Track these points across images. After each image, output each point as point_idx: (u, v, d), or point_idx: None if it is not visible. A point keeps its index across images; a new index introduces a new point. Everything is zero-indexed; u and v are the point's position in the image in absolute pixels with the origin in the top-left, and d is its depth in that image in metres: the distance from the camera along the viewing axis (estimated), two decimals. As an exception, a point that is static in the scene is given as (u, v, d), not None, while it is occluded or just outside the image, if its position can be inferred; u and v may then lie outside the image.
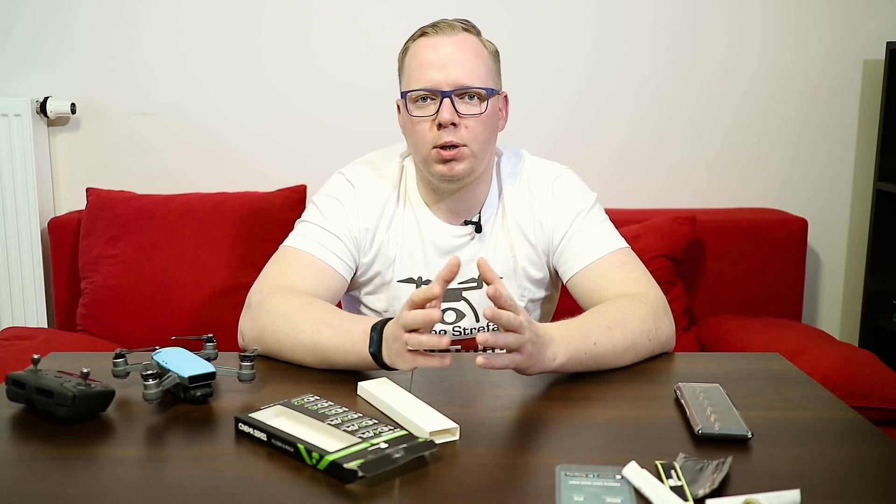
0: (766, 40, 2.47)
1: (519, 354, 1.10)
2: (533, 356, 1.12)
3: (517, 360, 1.10)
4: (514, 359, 1.10)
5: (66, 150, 2.47)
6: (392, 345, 1.13)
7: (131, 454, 0.96)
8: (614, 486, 0.87)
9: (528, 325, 1.10)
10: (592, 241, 1.44)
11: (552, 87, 2.47)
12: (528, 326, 1.10)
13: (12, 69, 2.42)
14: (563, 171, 1.52)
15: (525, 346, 1.10)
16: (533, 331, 1.11)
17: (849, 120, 2.53)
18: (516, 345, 1.09)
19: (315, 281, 1.38)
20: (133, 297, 2.20)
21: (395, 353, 1.12)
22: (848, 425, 1.07)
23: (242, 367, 1.12)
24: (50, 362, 1.27)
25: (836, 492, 0.89)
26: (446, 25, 1.40)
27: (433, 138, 1.38)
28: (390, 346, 1.13)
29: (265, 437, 0.98)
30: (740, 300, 2.37)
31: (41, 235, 2.41)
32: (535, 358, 1.12)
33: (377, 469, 0.89)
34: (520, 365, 1.11)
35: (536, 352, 1.12)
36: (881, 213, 2.45)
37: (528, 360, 1.11)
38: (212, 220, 2.26)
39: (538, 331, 1.13)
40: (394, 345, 1.12)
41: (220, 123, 2.46)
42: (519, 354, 1.10)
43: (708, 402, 1.07)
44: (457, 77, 1.36)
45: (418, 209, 1.49)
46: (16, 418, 1.06)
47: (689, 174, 2.53)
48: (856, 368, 1.89)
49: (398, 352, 1.11)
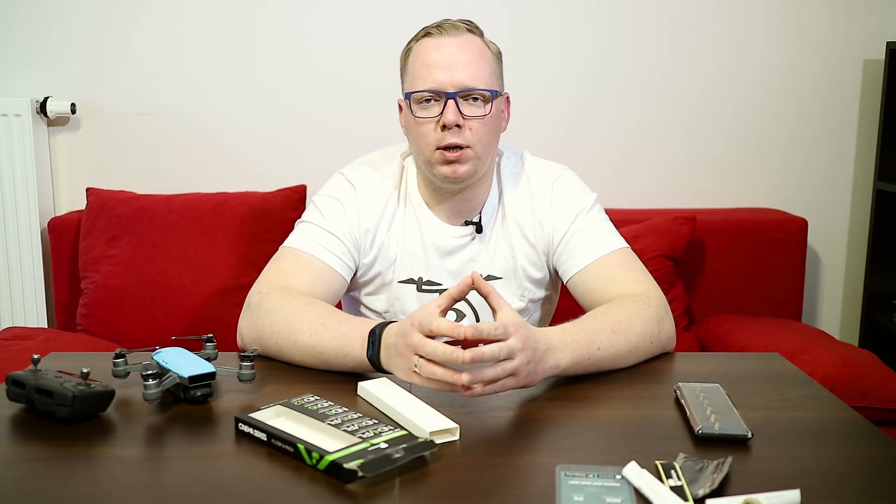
0: (766, 40, 2.47)
1: (514, 378, 1.07)
2: (532, 373, 1.10)
3: (511, 383, 1.07)
4: (506, 384, 1.07)
5: (66, 150, 2.47)
6: (394, 358, 1.11)
7: (131, 454, 0.96)
8: (614, 486, 0.87)
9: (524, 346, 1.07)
10: (592, 240, 1.44)
11: (553, 87, 2.47)
12: (521, 349, 1.06)
13: (12, 69, 2.42)
14: (563, 172, 1.52)
15: (519, 370, 1.07)
16: (530, 345, 1.08)
17: (849, 120, 2.53)
18: (506, 374, 1.06)
19: (315, 281, 1.37)
20: (133, 297, 2.20)
21: (397, 366, 1.11)
22: (848, 425, 1.07)
23: (242, 367, 1.12)
24: (50, 362, 1.27)
25: (836, 492, 0.89)
26: (450, 26, 1.39)
27: (437, 139, 1.37)
28: (391, 356, 1.12)
29: (265, 437, 0.98)
30: (740, 300, 2.37)
31: (41, 235, 2.41)
32: (533, 374, 1.10)
33: (377, 469, 0.89)
34: (517, 387, 1.09)
35: (534, 367, 1.10)
36: (881, 213, 2.45)
37: (525, 381, 1.09)
38: (212, 220, 2.26)
39: (538, 342, 1.10)
40: (396, 359, 1.11)
41: (220, 123, 2.46)
42: (514, 378, 1.07)
43: (708, 402, 1.07)
44: (461, 79, 1.36)
45: (419, 209, 1.48)
46: (16, 418, 1.06)
47: (689, 174, 2.53)
48: (856, 368, 1.89)
49: (400, 366, 1.10)
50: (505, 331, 1.06)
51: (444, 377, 1.04)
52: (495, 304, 1.11)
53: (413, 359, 1.06)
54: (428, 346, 1.05)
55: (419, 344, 1.06)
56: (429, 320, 1.06)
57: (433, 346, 1.04)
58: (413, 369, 1.07)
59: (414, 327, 1.07)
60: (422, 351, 1.05)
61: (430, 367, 1.05)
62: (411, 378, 1.08)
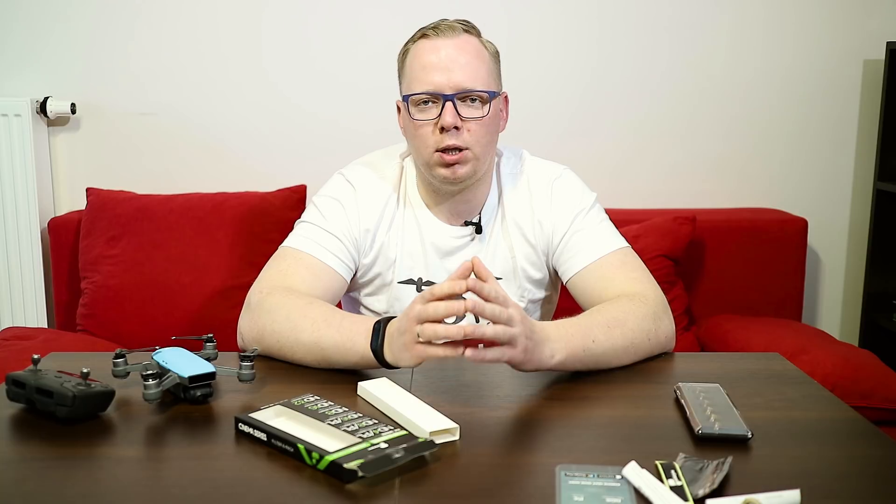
0: (766, 40, 2.47)
1: (511, 348, 1.08)
2: (528, 351, 1.11)
3: (508, 353, 1.08)
4: (505, 352, 1.08)
5: (66, 150, 2.47)
6: (398, 339, 1.12)
7: (131, 454, 0.96)
8: (614, 486, 0.87)
9: (522, 319, 1.09)
10: (592, 241, 1.44)
11: (552, 87, 2.47)
12: (520, 321, 1.09)
13: (12, 69, 2.42)
14: (562, 172, 1.52)
15: (517, 339, 1.08)
16: (527, 326, 1.11)
17: (849, 120, 2.53)
18: (506, 338, 1.07)
19: (314, 281, 1.37)
20: (133, 297, 2.20)
21: (401, 347, 1.11)
22: (848, 425, 1.07)
23: (242, 367, 1.12)
24: (50, 362, 1.27)
25: (836, 492, 0.89)
26: (447, 27, 1.39)
27: (435, 141, 1.37)
28: (395, 340, 1.13)
29: (265, 437, 0.98)
30: (740, 300, 2.37)
31: (41, 235, 2.41)
32: (530, 353, 1.11)
33: (377, 469, 0.89)
34: (513, 359, 1.10)
35: (532, 347, 1.11)
36: (881, 213, 2.45)
37: (521, 354, 1.10)
38: (212, 220, 2.26)
39: (534, 327, 1.13)
40: (399, 339, 1.11)
41: (220, 123, 2.47)
42: (511, 348, 1.08)
43: (708, 402, 1.07)
44: (459, 80, 1.36)
45: (418, 210, 1.48)
46: (16, 418, 1.06)
47: (689, 174, 2.53)
48: (856, 368, 1.89)
49: (405, 345, 1.10)
50: (505, 301, 1.08)
51: (446, 333, 1.05)
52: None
53: (415, 329, 1.07)
54: (430, 307, 1.07)
55: (421, 310, 1.07)
56: (430, 290, 1.09)
57: (435, 304, 1.06)
58: (416, 341, 1.08)
59: (416, 302, 1.09)
60: (423, 314, 1.07)
61: (431, 328, 1.06)
62: (413, 353, 1.09)
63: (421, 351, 1.08)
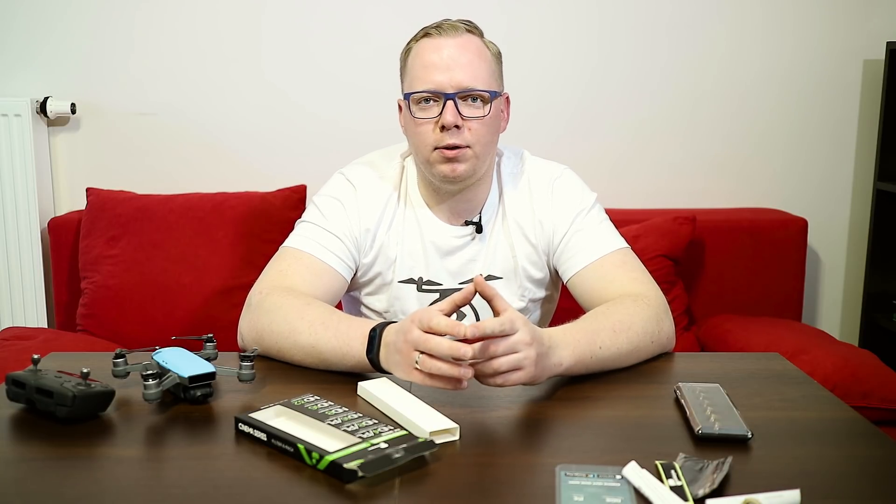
0: (766, 40, 2.47)
1: (519, 372, 1.08)
2: (536, 369, 1.10)
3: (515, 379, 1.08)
4: (510, 378, 1.08)
5: (66, 150, 2.47)
6: (394, 355, 1.11)
7: (131, 454, 0.96)
8: (614, 486, 0.87)
9: (530, 341, 1.08)
10: (592, 240, 1.44)
11: (552, 87, 2.47)
12: (526, 343, 1.07)
13: (12, 69, 2.42)
14: (563, 172, 1.52)
15: (524, 363, 1.08)
16: (536, 340, 1.09)
17: (849, 120, 2.53)
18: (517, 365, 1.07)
19: (315, 281, 1.37)
20: (133, 297, 2.20)
21: (396, 364, 1.11)
22: (848, 425, 1.07)
23: (242, 367, 1.12)
24: (50, 362, 1.27)
25: (836, 492, 0.89)
26: (450, 26, 1.39)
27: (436, 140, 1.37)
28: (391, 355, 1.12)
29: (265, 437, 0.98)
30: (740, 300, 2.37)
31: (41, 235, 2.41)
32: (539, 368, 1.11)
33: (377, 469, 0.89)
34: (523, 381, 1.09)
35: (540, 362, 1.10)
36: (881, 213, 2.45)
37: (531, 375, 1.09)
38: (212, 220, 2.26)
39: (542, 339, 1.11)
40: (395, 356, 1.11)
41: (220, 123, 2.46)
42: (519, 372, 1.08)
43: (708, 402, 1.07)
44: (460, 79, 1.36)
45: (419, 209, 1.48)
46: (16, 418, 1.06)
47: (689, 174, 2.53)
48: (856, 368, 1.89)
49: (400, 365, 1.10)
50: (512, 326, 1.06)
51: (448, 372, 1.04)
52: (500, 307, 1.10)
53: (413, 355, 1.06)
54: (431, 341, 1.04)
55: (420, 339, 1.05)
56: (429, 317, 1.06)
57: (437, 341, 1.04)
58: (413, 366, 1.07)
59: (414, 324, 1.07)
60: (424, 346, 1.05)
61: (432, 362, 1.04)
62: (411, 375, 1.08)
63: (419, 379, 1.07)
